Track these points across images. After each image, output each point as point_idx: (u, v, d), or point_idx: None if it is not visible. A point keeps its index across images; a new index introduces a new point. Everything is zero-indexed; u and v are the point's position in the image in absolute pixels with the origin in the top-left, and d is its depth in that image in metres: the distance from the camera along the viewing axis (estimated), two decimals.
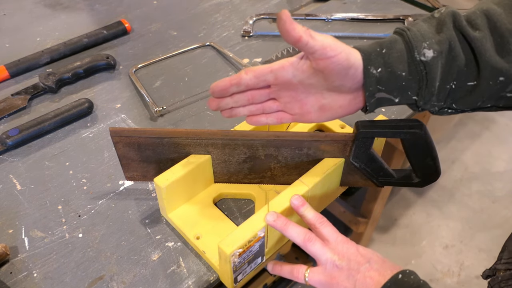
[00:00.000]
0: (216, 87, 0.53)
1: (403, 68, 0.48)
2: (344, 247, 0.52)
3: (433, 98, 0.49)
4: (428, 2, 1.11)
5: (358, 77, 0.49)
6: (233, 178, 0.67)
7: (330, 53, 0.47)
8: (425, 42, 0.48)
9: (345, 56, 0.47)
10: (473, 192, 1.82)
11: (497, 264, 0.60)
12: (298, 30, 0.47)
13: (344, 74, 0.49)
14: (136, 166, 0.64)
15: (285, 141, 0.61)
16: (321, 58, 0.48)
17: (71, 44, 0.94)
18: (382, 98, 0.51)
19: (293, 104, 0.54)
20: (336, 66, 0.48)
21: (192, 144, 0.61)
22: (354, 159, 0.61)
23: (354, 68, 0.48)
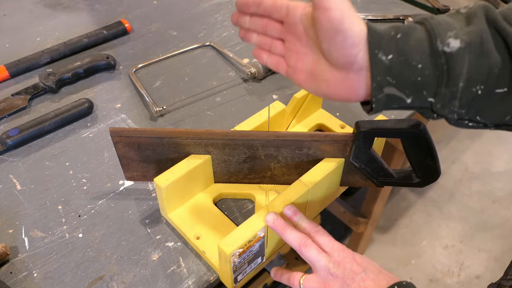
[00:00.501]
0: (240, 0, 0.48)
1: (420, 59, 0.40)
2: (340, 255, 0.52)
3: (455, 101, 0.41)
4: (428, 2, 1.11)
5: (349, 51, 0.41)
6: (233, 178, 0.67)
7: (324, 4, 0.40)
8: (450, 31, 0.39)
9: (339, 16, 0.40)
10: (473, 192, 1.82)
11: (502, 280, 0.59)
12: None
13: (331, 37, 0.41)
14: (136, 166, 0.64)
15: (285, 141, 0.61)
16: (316, 6, 0.41)
17: (71, 44, 0.94)
18: (391, 96, 0.42)
19: (292, 54, 0.48)
20: (326, 22, 0.40)
21: (192, 144, 0.61)
22: (354, 159, 0.61)
23: (344, 36, 0.40)
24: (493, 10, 0.40)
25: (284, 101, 0.75)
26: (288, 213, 0.56)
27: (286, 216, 0.57)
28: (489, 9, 0.41)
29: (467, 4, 0.43)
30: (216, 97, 0.85)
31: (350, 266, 0.51)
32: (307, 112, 0.78)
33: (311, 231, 0.54)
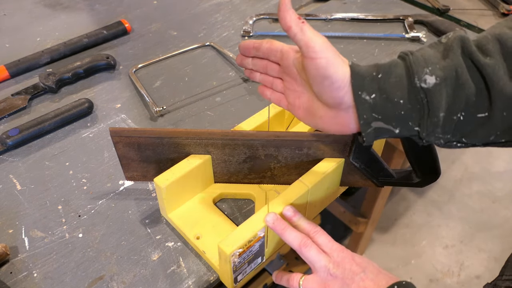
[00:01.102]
0: (242, 44, 0.54)
1: (401, 95, 0.43)
2: (339, 255, 0.52)
3: (438, 129, 0.44)
4: (428, 2, 1.12)
5: (336, 93, 0.45)
6: (233, 178, 0.67)
7: (311, 54, 0.44)
8: (427, 68, 0.43)
9: (324, 64, 0.44)
10: (473, 192, 1.82)
11: (498, 280, 0.59)
12: (290, 18, 0.44)
13: (319, 82, 0.45)
14: (136, 166, 0.64)
15: (285, 141, 0.61)
16: (304, 55, 0.45)
17: (71, 44, 0.94)
18: (380, 129, 0.46)
19: (290, 92, 0.53)
20: (314, 69, 0.45)
21: (192, 144, 0.61)
22: (354, 159, 0.61)
23: (330, 81, 0.44)
24: (468, 42, 0.44)
25: None
26: (287, 214, 0.56)
27: (285, 217, 0.57)
28: (465, 40, 0.44)
29: (447, 34, 0.47)
30: (216, 97, 0.85)
31: (349, 266, 0.51)
32: None
33: (311, 231, 0.54)
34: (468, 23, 1.04)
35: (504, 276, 0.59)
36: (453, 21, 1.05)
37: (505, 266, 0.60)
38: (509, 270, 0.60)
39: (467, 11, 1.08)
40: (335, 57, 0.45)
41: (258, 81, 0.57)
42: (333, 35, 1.01)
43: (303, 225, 0.55)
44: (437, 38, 0.98)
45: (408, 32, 1.00)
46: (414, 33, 0.99)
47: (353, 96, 0.44)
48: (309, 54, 0.44)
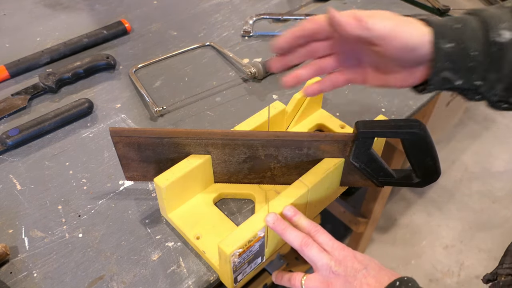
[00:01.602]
0: (281, 39, 0.50)
1: (476, 47, 0.44)
2: (341, 253, 0.52)
3: (499, 85, 0.45)
4: (428, 2, 1.12)
5: (419, 54, 0.46)
6: (233, 178, 0.67)
7: (391, 42, 0.45)
8: (502, 23, 0.44)
9: (405, 41, 0.45)
10: (473, 192, 1.82)
11: (498, 269, 0.60)
12: (352, 26, 0.45)
13: (399, 57, 0.47)
14: (136, 166, 0.64)
15: (285, 141, 0.61)
16: (378, 45, 0.46)
17: (71, 44, 0.94)
18: (445, 79, 0.47)
19: (351, 57, 0.51)
20: (393, 51, 0.46)
21: (192, 144, 0.61)
22: (354, 159, 0.61)
23: (411, 51, 0.46)
24: None
25: (284, 101, 0.75)
26: (288, 214, 0.56)
27: (286, 216, 0.57)
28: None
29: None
30: (216, 97, 0.85)
31: (351, 264, 0.51)
32: (307, 112, 0.78)
33: (311, 230, 0.54)
34: None
35: (504, 264, 0.59)
36: None
37: (505, 255, 0.61)
38: (509, 258, 0.60)
39: None
40: (406, 25, 0.45)
41: (306, 78, 0.53)
42: None
43: (303, 225, 0.55)
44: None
45: None
46: None
47: (434, 45, 0.45)
48: (386, 45, 0.45)
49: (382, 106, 0.84)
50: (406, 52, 0.46)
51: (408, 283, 0.48)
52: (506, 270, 0.59)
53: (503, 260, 0.60)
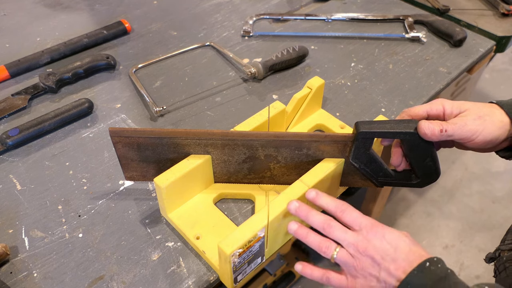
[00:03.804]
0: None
1: None
2: (369, 233, 0.50)
3: None
4: (428, 2, 1.12)
5: (501, 139, 0.57)
6: (233, 178, 0.67)
7: (475, 140, 0.56)
8: None
9: (482, 139, 0.56)
10: (473, 192, 1.81)
11: (501, 246, 0.60)
12: (437, 136, 0.56)
13: (485, 146, 0.58)
14: (135, 166, 0.64)
15: (284, 142, 0.61)
16: (464, 143, 0.58)
17: (71, 44, 0.94)
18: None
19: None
20: (478, 145, 0.57)
21: (191, 144, 0.61)
22: (353, 159, 0.61)
23: (494, 139, 0.57)
24: None
25: (284, 101, 0.75)
26: (310, 196, 0.56)
27: (308, 199, 0.56)
28: None
29: None
30: (216, 97, 0.85)
31: (379, 244, 0.50)
32: (307, 112, 0.78)
33: (337, 210, 0.54)
34: (468, 23, 1.04)
35: (506, 241, 0.60)
36: (453, 21, 1.05)
37: (507, 233, 0.62)
38: (510, 236, 0.61)
39: (467, 11, 1.08)
40: (486, 124, 0.56)
41: None
42: (333, 35, 1.01)
43: (329, 205, 0.54)
44: (437, 38, 0.97)
45: (408, 32, 1.00)
46: (414, 33, 0.99)
47: (511, 120, 0.56)
48: (466, 144, 0.59)
49: (382, 106, 0.84)
50: (489, 143, 0.57)
51: (437, 264, 0.47)
52: (508, 246, 0.59)
53: (505, 238, 0.61)
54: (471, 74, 1.03)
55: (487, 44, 0.99)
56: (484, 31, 1.02)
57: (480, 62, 1.00)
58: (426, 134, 0.56)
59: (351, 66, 0.93)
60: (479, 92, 2.17)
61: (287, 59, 0.90)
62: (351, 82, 0.89)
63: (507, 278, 0.53)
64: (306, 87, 0.76)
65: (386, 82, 0.89)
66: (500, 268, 0.59)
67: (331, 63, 0.94)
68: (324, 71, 0.92)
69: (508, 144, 0.60)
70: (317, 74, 0.91)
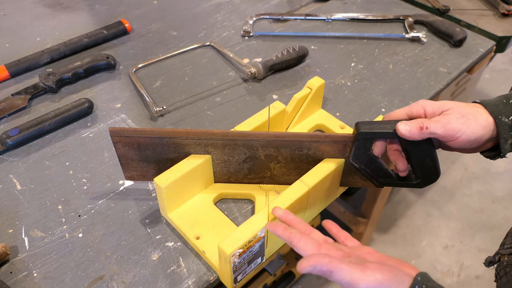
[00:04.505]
0: None
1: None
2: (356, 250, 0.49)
3: None
4: (428, 2, 1.11)
5: (485, 138, 0.56)
6: (233, 178, 0.67)
7: (458, 139, 0.55)
8: None
9: (466, 138, 0.55)
10: (473, 192, 1.81)
11: (500, 250, 0.60)
12: (417, 135, 0.55)
13: (469, 145, 0.56)
14: (135, 166, 0.64)
15: (284, 142, 0.61)
16: (447, 141, 0.56)
17: (71, 44, 0.94)
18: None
19: None
20: (461, 144, 0.56)
21: (192, 144, 0.61)
22: (354, 159, 0.61)
23: (478, 138, 0.55)
24: None
25: (284, 101, 0.75)
26: (277, 214, 0.54)
27: (276, 216, 0.54)
28: None
29: None
30: (216, 97, 0.85)
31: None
32: (307, 112, 0.78)
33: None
34: (468, 23, 1.04)
35: (506, 245, 0.60)
36: (453, 21, 1.05)
37: (506, 237, 0.62)
38: (509, 239, 0.61)
39: (467, 11, 1.08)
40: (468, 123, 0.54)
41: None
42: (333, 35, 1.01)
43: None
44: (437, 38, 0.98)
45: (408, 32, 1.00)
46: (414, 33, 0.99)
47: (495, 122, 0.55)
48: (449, 143, 0.57)
49: (382, 106, 0.84)
50: (473, 142, 0.56)
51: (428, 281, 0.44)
52: (508, 250, 0.59)
53: (504, 242, 0.61)
54: (471, 74, 1.03)
55: (487, 44, 0.99)
56: (484, 31, 1.02)
57: (480, 62, 1.00)
58: (404, 135, 0.55)
59: (351, 66, 0.93)
60: (479, 92, 2.17)
61: (287, 59, 0.90)
62: (351, 82, 0.89)
63: (507, 283, 0.53)
64: (306, 87, 0.76)
65: (386, 82, 0.89)
66: (501, 273, 0.59)
67: (331, 63, 0.94)
68: (324, 71, 0.92)
69: (492, 145, 0.59)
70: (317, 74, 0.91)
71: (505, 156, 0.57)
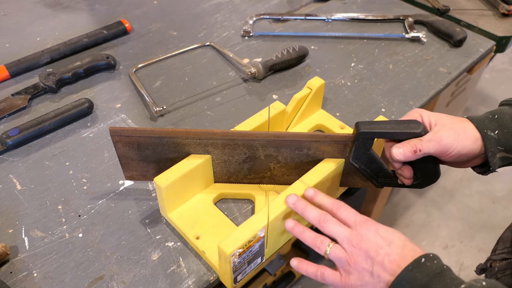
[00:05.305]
0: None
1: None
2: (363, 228, 0.51)
3: None
4: (428, 2, 1.11)
5: (474, 153, 0.57)
6: (233, 178, 0.67)
7: (449, 155, 0.57)
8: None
9: (457, 153, 0.56)
10: (473, 192, 1.82)
11: (492, 256, 0.60)
12: (411, 157, 0.57)
13: (459, 159, 0.58)
14: (135, 166, 0.64)
15: (284, 142, 0.61)
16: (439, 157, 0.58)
17: (71, 44, 0.94)
18: (503, 158, 0.58)
19: None
20: (452, 158, 0.57)
21: (192, 144, 0.61)
22: (354, 159, 0.61)
23: (468, 153, 0.57)
24: None
25: (284, 101, 0.75)
26: (309, 194, 0.57)
27: (307, 197, 0.57)
28: None
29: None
30: (216, 97, 0.85)
31: (374, 239, 0.50)
32: (307, 112, 0.78)
33: (334, 207, 0.54)
34: (468, 23, 1.04)
35: (497, 251, 0.60)
36: (453, 21, 1.05)
37: (497, 243, 0.63)
38: (501, 245, 0.61)
39: (467, 11, 1.08)
40: (459, 139, 0.56)
41: None
42: (333, 35, 1.01)
43: (325, 203, 0.55)
44: (437, 38, 0.98)
45: (408, 32, 1.00)
46: (414, 33, 0.99)
47: (482, 137, 0.57)
48: (443, 158, 0.58)
49: (382, 106, 0.84)
50: (463, 156, 0.57)
51: (433, 260, 0.47)
52: (499, 256, 0.59)
53: (496, 248, 0.61)
54: (471, 74, 1.03)
55: (487, 44, 0.99)
56: (484, 31, 1.02)
57: (480, 62, 1.00)
58: (399, 160, 0.57)
59: (351, 66, 0.93)
60: (479, 92, 2.17)
61: (287, 59, 0.90)
62: (351, 82, 0.89)
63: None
64: (306, 87, 0.76)
65: (386, 82, 0.89)
66: (492, 279, 0.59)
67: (331, 63, 0.94)
68: (324, 71, 0.92)
69: (481, 161, 0.60)
70: (317, 74, 0.91)
71: (495, 170, 0.58)
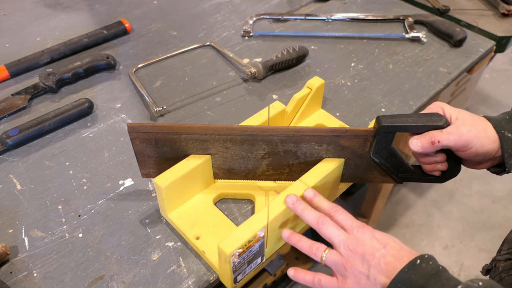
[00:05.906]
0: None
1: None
2: (359, 232, 0.51)
3: None
4: (428, 2, 1.11)
5: (491, 154, 0.57)
6: (251, 174, 0.66)
7: (467, 151, 0.57)
8: None
9: (475, 151, 0.56)
10: (473, 192, 1.81)
11: (497, 256, 0.60)
12: (430, 149, 0.57)
13: (476, 158, 0.58)
14: (152, 163, 0.63)
15: (304, 136, 0.60)
16: (458, 152, 0.58)
17: (71, 44, 0.94)
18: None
19: None
20: (470, 156, 0.57)
21: (210, 140, 0.60)
22: (374, 154, 0.61)
23: (486, 153, 0.57)
24: None
25: (284, 101, 0.75)
26: (308, 196, 0.57)
27: (306, 198, 0.57)
28: None
29: None
30: (216, 97, 0.85)
31: (370, 242, 0.50)
32: (307, 112, 0.78)
33: (331, 211, 0.55)
34: (468, 23, 1.04)
35: (502, 251, 0.61)
36: (453, 21, 1.05)
37: (502, 244, 0.63)
38: (506, 246, 0.61)
39: (467, 11, 1.08)
40: (477, 137, 0.56)
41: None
42: (333, 35, 1.02)
43: (323, 206, 0.56)
44: (437, 38, 0.98)
45: (408, 32, 1.00)
46: (414, 33, 0.99)
47: (499, 137, 0.57)
48: (461, 153, 0.58)
49: (382, 106, 0.84)
50: (481, 155, 0.57)
51: (428, 261, 0.48)
52: (504, 256, 0.59)
53: (501, 249, 0.61)
54: (471, 74, 1.03)
55: (487, 44, 0.99)
56: (484, 31, 1.02)
57: (480, 62, 1.00)
58: (417, 151, 0.57)
59: (351, 66, 0.93)
60: (479, 92, 2.17)
61: (287, 59, 0.90)
62: (351, 82, 0.89)
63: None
64: (306, 87, 0.76)
65: (386, 82, 0.89)
66: (496, 278, 0.59)
67: (331, 63, 0.94)
68: (324, 71, 0.92)
69: (495, 163, 0.60)
70: (317, 74, 0.91)
71: (510, 171, 0.58)
